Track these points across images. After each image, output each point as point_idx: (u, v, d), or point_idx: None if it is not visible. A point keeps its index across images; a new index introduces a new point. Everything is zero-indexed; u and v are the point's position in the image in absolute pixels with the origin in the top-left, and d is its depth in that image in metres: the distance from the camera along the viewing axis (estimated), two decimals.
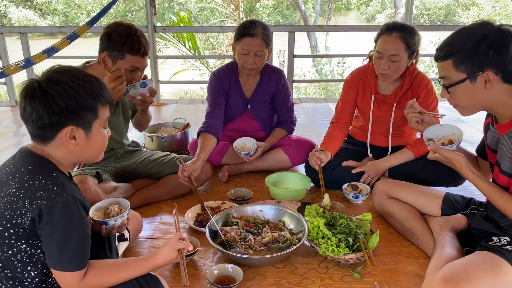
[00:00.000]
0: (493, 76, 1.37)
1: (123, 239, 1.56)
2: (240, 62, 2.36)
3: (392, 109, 2.27)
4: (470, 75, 1.40)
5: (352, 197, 2.19)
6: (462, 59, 1.39)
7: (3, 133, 3.58)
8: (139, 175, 2.29)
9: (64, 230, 1.09)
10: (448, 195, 1.82)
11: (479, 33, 1.37)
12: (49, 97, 1.10)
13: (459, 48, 1.40)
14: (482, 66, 1.37)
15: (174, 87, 10.44)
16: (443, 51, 1.44)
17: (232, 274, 1.57)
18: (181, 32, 6.90)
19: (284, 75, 2.59)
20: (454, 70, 1.42)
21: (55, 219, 1.08)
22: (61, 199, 1.08)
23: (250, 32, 2.27)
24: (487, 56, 1.36)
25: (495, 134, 1.52)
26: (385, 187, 2.01)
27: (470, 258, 1.42)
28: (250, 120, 2.60)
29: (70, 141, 1.15)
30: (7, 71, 3.19)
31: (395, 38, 2.05)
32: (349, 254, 1.63)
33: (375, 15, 19.01)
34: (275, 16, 16.35)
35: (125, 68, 1.93)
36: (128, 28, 1.93)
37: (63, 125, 1.13)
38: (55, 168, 1.15)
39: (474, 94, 1.43)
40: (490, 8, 12.16)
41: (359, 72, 2.34)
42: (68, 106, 1.11)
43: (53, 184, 1.10)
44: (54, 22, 16.24)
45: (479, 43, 1.36)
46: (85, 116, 1.16)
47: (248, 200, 2.17)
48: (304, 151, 2.49)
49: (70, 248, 1.10)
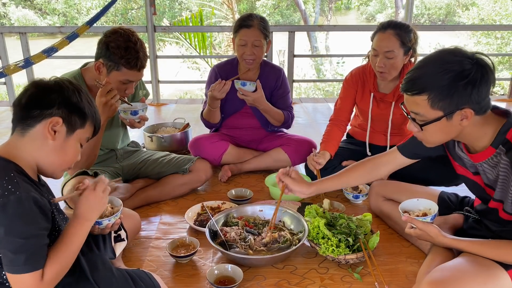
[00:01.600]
0: (471, 113, 1.27)
1: (120, 240, 1.55)
2: (239, 53, 2.40)
3: (391, 108, 2.27)
4: (447, 113, 1.28)
5: (352, 197, 2.19)
6: (439, 96, 1.26)
7: (3, 133, 3.58)
8: (139, 175, 2.29)
9: (20, 228, 1.05)
10: (442, 194, 1.81)
11: (456, 69, 1.24)
12: (58, 86, 1.18)
13: (435, 85, 1.26)
14: (461, 104, 1.26)
15: (174, 87, 10.44)
16: (416, 86, 1.30)
17: (232, 275, 1.57)
18: (181, 32, 6.90)
19: (284, 73, 2.60)
20: (429, 107, 1.29)
21: (9, 217, 1.04)
22: (14, 197, 1.05)
23: (247, 24, 2.33)
24: (466, 94, 1.24)
25: (467, 160, 1.46)
26: (380, 190, 2.00)
27: (459, 261, 1.39)
28: (249, 116, 2.60)
29: (50, 133, 1.16)
30: (7, 71, 3.19)
31: (390, 35, 2.08)
32: (349, 254, 1.63)
33: (375, 15, 19.00)
34: (275, 16, 16.34)
35: (119, 79, 1.90)
36: (128, 40, 1.85)
37: (53, 114, 1.16)
38: (14, 169, 1.13)
39: (448, 129, 1.33)
40: (490, 8, 12.14)
41: (358, 71, 2.35)
42: (69, 99, 1.18)
43: (8, 183, 1.07)
44: (54, 22, 16.24)
45: (456, 80, 1.24)
46: (75, 119, 1.20)
47: (248, 200, 2.17)
48: (304, 151, 2.49)
49: (28, 248, 1.06)
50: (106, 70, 1.89)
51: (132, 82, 1.95)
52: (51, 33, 12.39)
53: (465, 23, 13.47)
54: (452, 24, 15.63)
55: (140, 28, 4.66)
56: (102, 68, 1.89)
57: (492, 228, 1.49)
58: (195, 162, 2.29)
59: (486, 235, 1.50)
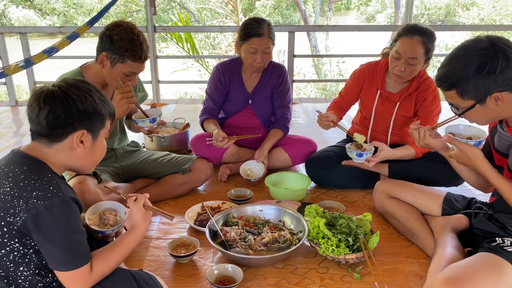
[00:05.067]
0: (502, 95, 1.35)
1: None
2: (248, 61, 2.39)
3: (395, 108, 2.27)
4: (478, 100, 1.39)
5: (356, 155, 2.12)
6: (466, 89, 1.38)
7: (3, 133, 3.58)
8: (139, 175, 2.29)
9: (66, 228, 1.10)
10: (448, 195, 1.82)
11: (476, 62, 1.34)
12: (69, 99, 1.15)
13: (460, 80, 1.37)
14: (488, 91, 1.36)
15: (174, 87, 10.44)
16: (445, 83, 1.43)
17: (232, 274, 1.57)
18: (180, 32, 6.89)
19: (286, 70, 2.62)
20: (460, 99, 1.41)
21: (55, 218, 1.08)
22: (58, 198, 1.09)
23: (258, 32, 2.31)
24: (491, 81, 1.34)
25: (507, 138, 1.50)
26: (385, 187, 2.01)
27: (472, 260, 1.42)
28: (250, 116, 2.61)
29: (79, 145, 1.19)
30: (7, 71, 3.19)
31: (417, 42, 2.03)
32: (349, 254, 1.63)
33: (375, 15, 18.99)
34: (275, 16, 16.33)
35: (123, 72, 1.92)
36: (131, 33, 1.89)
37: (77, 128, 1.17)
38: (49, 170, 1.17)
39: (487, 112, 1.42)
40: (490, 8, 12.15)
41: (368, 67, 2.34)
42: (86, 110, 1.18)
43: (48, 184, 1.11)
44: (53, 22, 16.24)
45: (479, 71, 1.34)
46: (95, 124, 1.22)
47: (248, 200, 2.17)
48: (304, 150, 2.51)
49: (75, 245, 1.12)
50: (110, 63, 1.90)
51: (136, 74, 1.98)
52: (51, 33, 12.41)
53: (465, 23, 13.46)
54: (451, 24, 15.62)
55: (140, 28, 4.65)
56: (106, 61, 1.91)
57: (507, 222, 1.51)
58: (195, 162, 2.30)
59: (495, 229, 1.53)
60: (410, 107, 2.25)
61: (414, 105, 2.24)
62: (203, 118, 2.55)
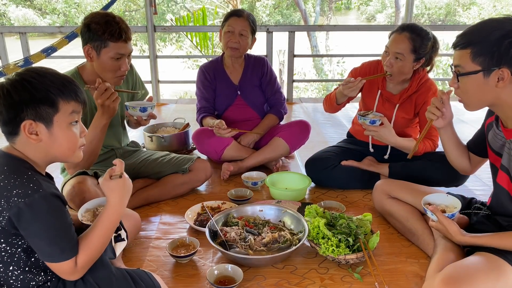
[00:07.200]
0: (508, 74, 1.33)
1: (120, 240, 1.55)
2: (224, 41, 2.48)
3: (394, 109, 2.27)
4: (485, 68, 1.35)
5: (369, 123, 2.06)
6: (481, 50, 1.34)
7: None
8: (139, 175, 2.29)
9: (50, 223, 1.10)
10: None
11: (506, 28, 1.31)
12: (5, 91, 1.12)
13: (481, 39, 1.34)
14: (500, 62, 1.32)
15: (174, 87, 10.44)
16: (464, 39, 1.39)
17: (232, 275, 1.57)
18: (181, 31, 6.89)
19: (267, 61, 2.74)
20: (470, 60, 1.37)
21: (38, 215, 1.08)
22: (39, 195, 1.08)
23: (237, 13, 2.46)
24: (508, 53, 1.31)
25: (501, 137, 1.50)
26: (385, 187, 2.00)
27: (471, 260, 1.42)
28: (243, 107, 2.65)
29: (31, 136, 1.15)
30: (6, 71, 3.19)
31: (404, 38, 2.06)
32: (349, 254, 1.62)
33: (375, 15, 19.02)
34: (275, 16, 16.35)
35: (110, 56, 1.90)
36: (106, 16, 1.89)
37: (21, 119, 1.13)
38: (30, 168, 1.16)
39: (483, 89, 1.39)
40: (491, 8, 12.16)
41: (370, 64, 2.34)
42: (22, 99, 1.12)
43: (28, 182, 1.10)
44: (53, 22, 16.24)
45: (503, 38, 1.30)
46: (43, 110, 1.14)
47: (248, 200, 2.17)
48: (298, 130, 2.58)
49: (60, 239, 1.12)
50: (96, 54, 1.90)
51: (124, 55, 1.94)
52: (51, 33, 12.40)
53: (466, 22, 13.47)
54: (452, 24, 15.63)
55: (140, 28, 4.66)
56: (91, 52, 1.91)
57: (503, 223, 1.51)
58: (194, 162, 2.29)
59: (494, 230, 1.52)
60: (410, 108, 2.25)
61: (414, 107, 2.24)
62: (201, 117, 2.59)
